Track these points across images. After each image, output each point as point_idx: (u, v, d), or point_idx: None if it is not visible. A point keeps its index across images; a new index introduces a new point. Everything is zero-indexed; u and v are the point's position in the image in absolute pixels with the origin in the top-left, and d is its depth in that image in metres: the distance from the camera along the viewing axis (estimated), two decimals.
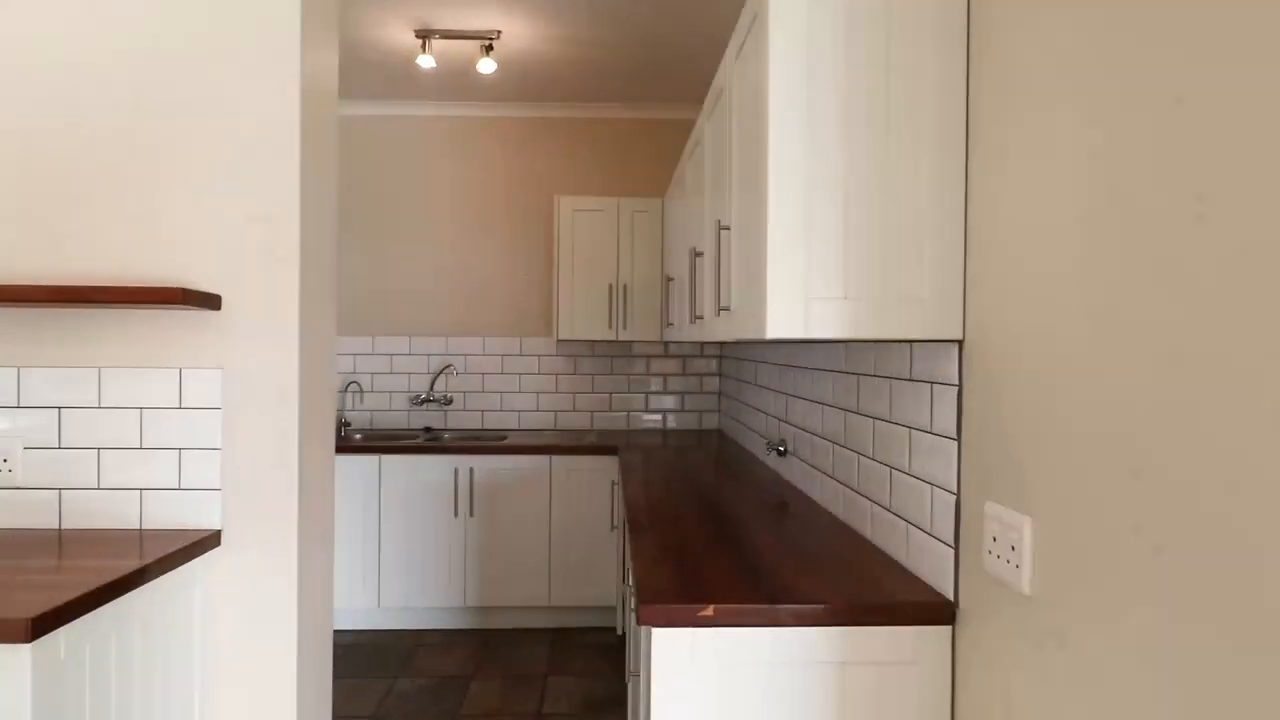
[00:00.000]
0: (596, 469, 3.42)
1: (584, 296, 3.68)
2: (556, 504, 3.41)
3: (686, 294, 2.66)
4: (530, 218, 4.00)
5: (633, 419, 4.01)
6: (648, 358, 4.01)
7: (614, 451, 3.40)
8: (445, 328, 3.99)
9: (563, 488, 3.41)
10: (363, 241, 3.96)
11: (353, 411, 3.96)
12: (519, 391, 3.99)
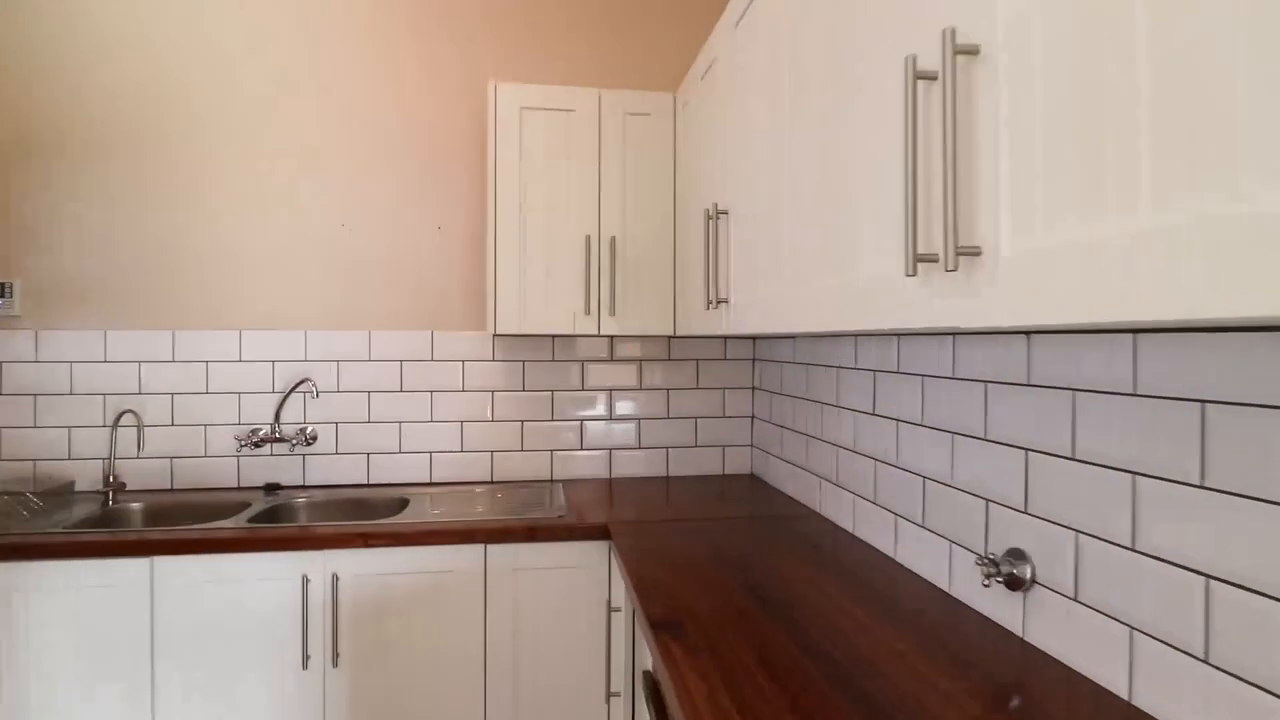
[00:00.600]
0: (571, 567, 1.90)
1: (541, 262, 2.15)
2: (497, 643, 1.87)
3: (756, 247, 1.20)
4: (449, 130, 2.43)
5: (620, 461, 2.51)
6: (640, 362, 2.51)
7: (601, 534, 1.89)
8: (303, 316, 2.37)
9: (508, 607, 1.88)
10: (135, 168, 2.30)
11: (130, 459, 2.29)
12: (429, 420, 2.42)
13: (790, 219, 1.26)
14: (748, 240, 1.47)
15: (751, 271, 1.45)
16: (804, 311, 1.19)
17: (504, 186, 2.12)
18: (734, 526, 1.86)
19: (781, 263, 1.28)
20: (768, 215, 1.36)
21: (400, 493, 2.28)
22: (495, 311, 2.13)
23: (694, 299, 1.92)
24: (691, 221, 2.00)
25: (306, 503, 2.23)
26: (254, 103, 2.34)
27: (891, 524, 1.57)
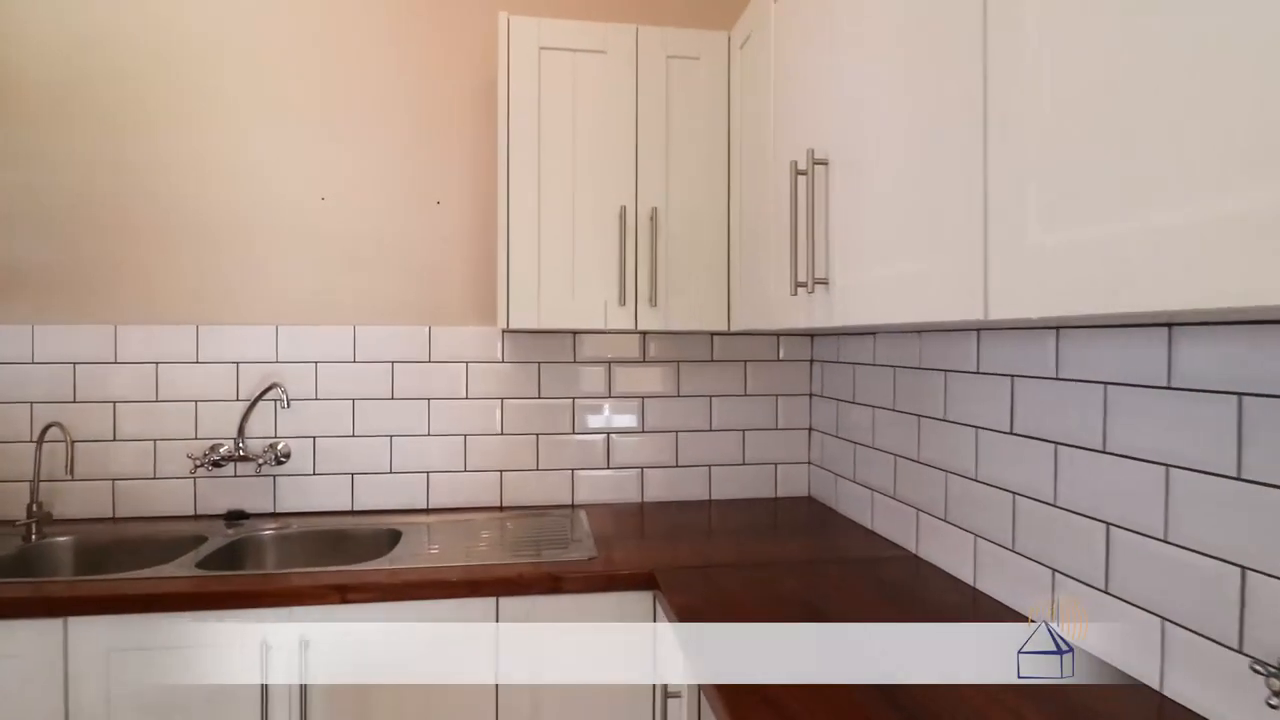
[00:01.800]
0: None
1: (564, 241, 1.74)
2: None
3: (885, 205, 0.77)
4: (451, 79, 2.02)
5: (654, 482, 2.10)
6: (678, 364, 2.11)
7: (645, 583, 1.48)
8: (272, 308, 1.96)
9: (525, 681, 1.47)
10: (63, 129, 1.88)
11: (64, 482, 1.88)
12: (425, 434, 2.01)
13: (948, 161, 0.86)
14: (866, 196, 1.06)
15: (871, 241, 1.05)
16: (973, 291, 0.79)
17: (518, 147, 1.71)
18: (819, 575, 1.45)
19: (940, 221, 0.87)
20: (905, 160, 0.96)
21: (391, 523, 1.87)
22: (507, 302, 1.72)
23: (766, 283, 1.51)
24: (760, 183, 1.59)
25: (275, 536, 1.82)
26: (206, 48, 1.92)
27: (1048, 581, 1.17)
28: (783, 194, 1.36)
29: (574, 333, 2.05)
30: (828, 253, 1.18)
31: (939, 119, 0.88)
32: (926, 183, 0.91)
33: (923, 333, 1.55)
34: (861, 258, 1.08)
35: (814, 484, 2.13)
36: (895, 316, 0.95)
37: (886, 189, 1.00)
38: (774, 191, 1.46)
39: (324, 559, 1.82)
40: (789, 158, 1.27)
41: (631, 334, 2.07)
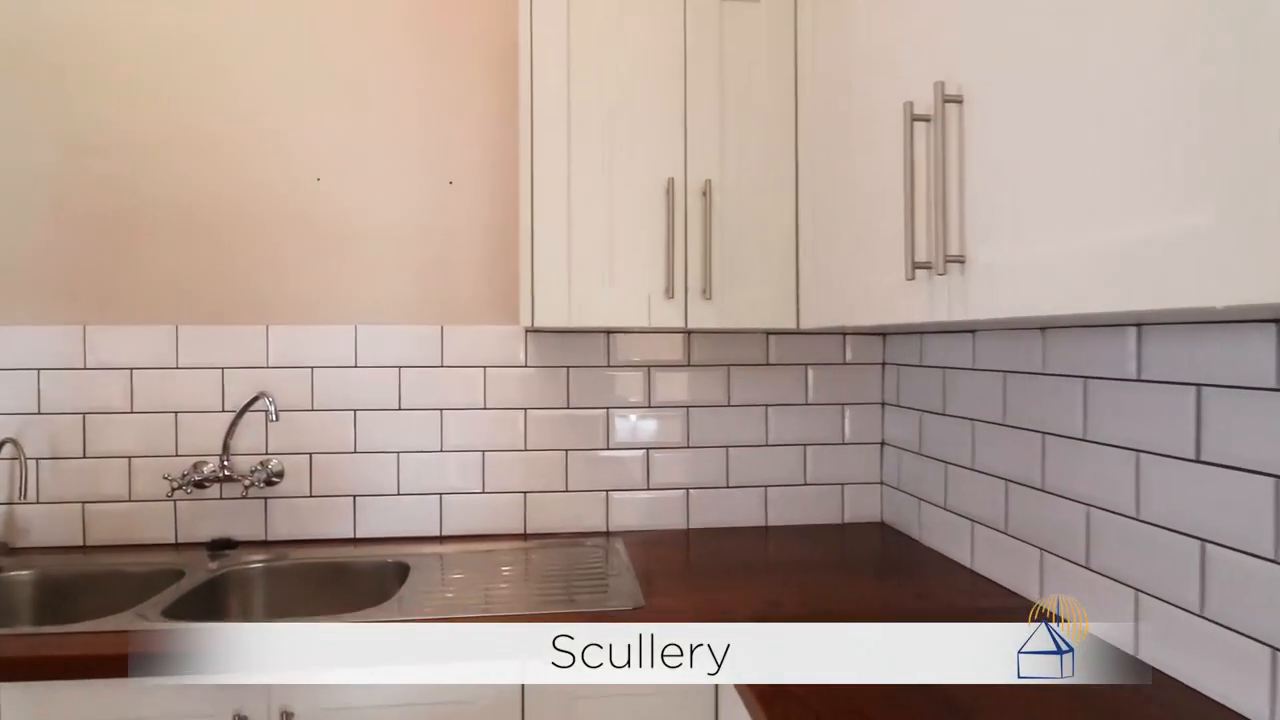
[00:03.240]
0: (660, 701, 1.20)
1: (599, 222, 1.45)
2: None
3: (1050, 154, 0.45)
4: (465, 35, 1.74)
5: (700, 505, 1.80)
6: (729, 368, 1.81)
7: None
8: (261, 305, 1.70)
9: None
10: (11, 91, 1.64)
11: (29, 505, 1.64)
12: (438, 450, 1.74)
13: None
14: (1045, 134, 0.76)
15: (1055, 197, 0.75)
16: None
17: (544, 112, 1.43)
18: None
19: (1221, 153, 0.57)
20: (1143, 64, 0.65)
21: (399, 554, 1.60)
22: (532, 296, 1.43)
23: (857, 267, 1.21)
24: (846, 142, 1.29)
25: (265, 570, 1.56)
26: (185, 10, 1.67)
27: (1266, 663, 0.86)
28: (888, 149, 1.06)
29: (608, 332, 1.76)
30: (963, 221, 0.88)
31: None
32: (1194, 97, 0.61)
33: (1046, 329, 1.24)
34: (1032, 223, 0.77)
35: (888, 508, 1.82)
36: (1108, 303, 0.65)
37: (1097, 116, 0.69)
38: (872, 149, 1.16)
39: (321, 599, 1.55)
40: (899, 100, 0.97)
41: (675, 333, 1.78)
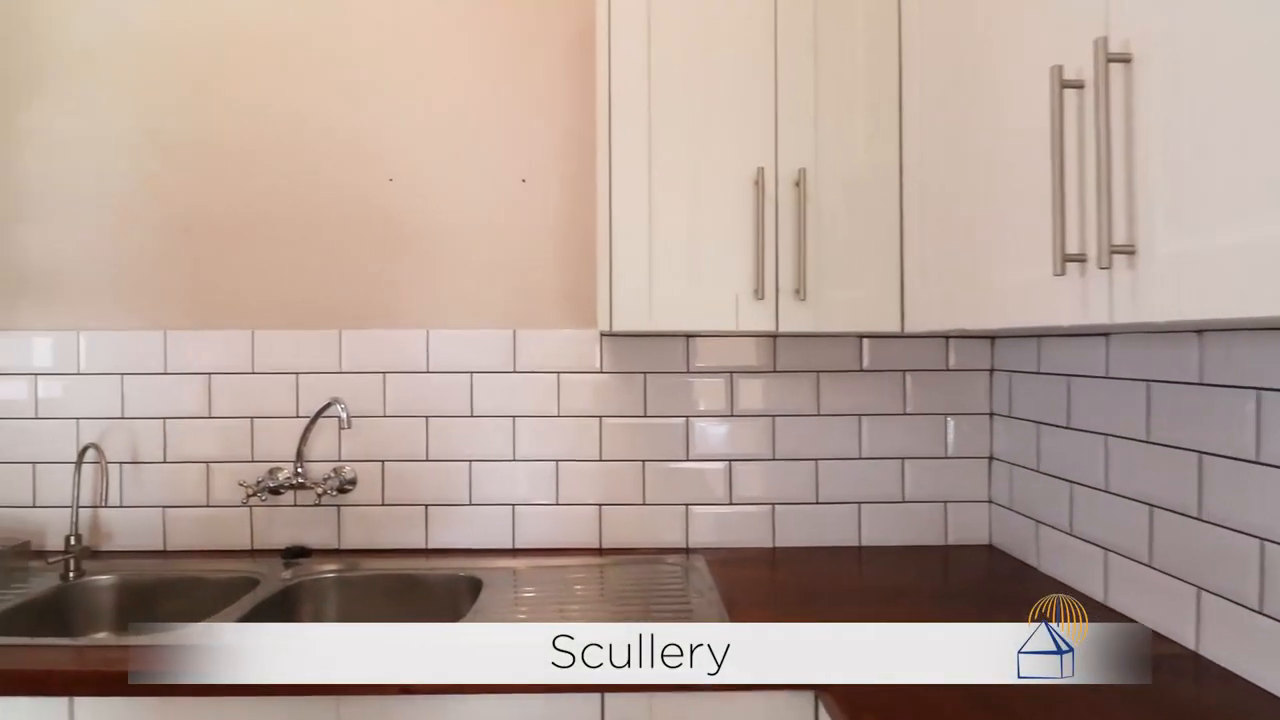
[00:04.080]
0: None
1: (681, 218, 1.35)
2: None
3: None
4: (539, 26, 1.67)
5: (787, 522, 1.67)
6: (818, 374, 1.67)
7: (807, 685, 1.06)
8: (334, 309, 1.67)
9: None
10: (97, 100, 1.65)
11: (114, 509, 1.65)
12: (511, 459, 1.67)
13: None
14: (1225, 105, 0.61)
15: (1236, 179, 0.60)
16: None
17: (623, 100, 1.34)
18: (1063, 688, 0.99)
19: None
20: None
21: (471, 567, 1.54)
22: (610, 298, 1.34)
23: (986, 261, 1.06)
24: (967, 118, 1.15)
25: (337, 580, 1.53)
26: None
27: None
28: (1028, 124, 0.91)
29: (687, 336, 1.66)
30: (1131, 205, 0.73)
31: None
32: None
33: (1204, 331, 1.07)
34: (1234, 203, 0.63)
35: (998, 530, 1.65)
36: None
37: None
38: (1002, 125, 1.01)
39: (393, 612, 1.50)
40: (1043, 64, 0.83)
41: (759, 337, 1.66)
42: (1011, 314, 0.97)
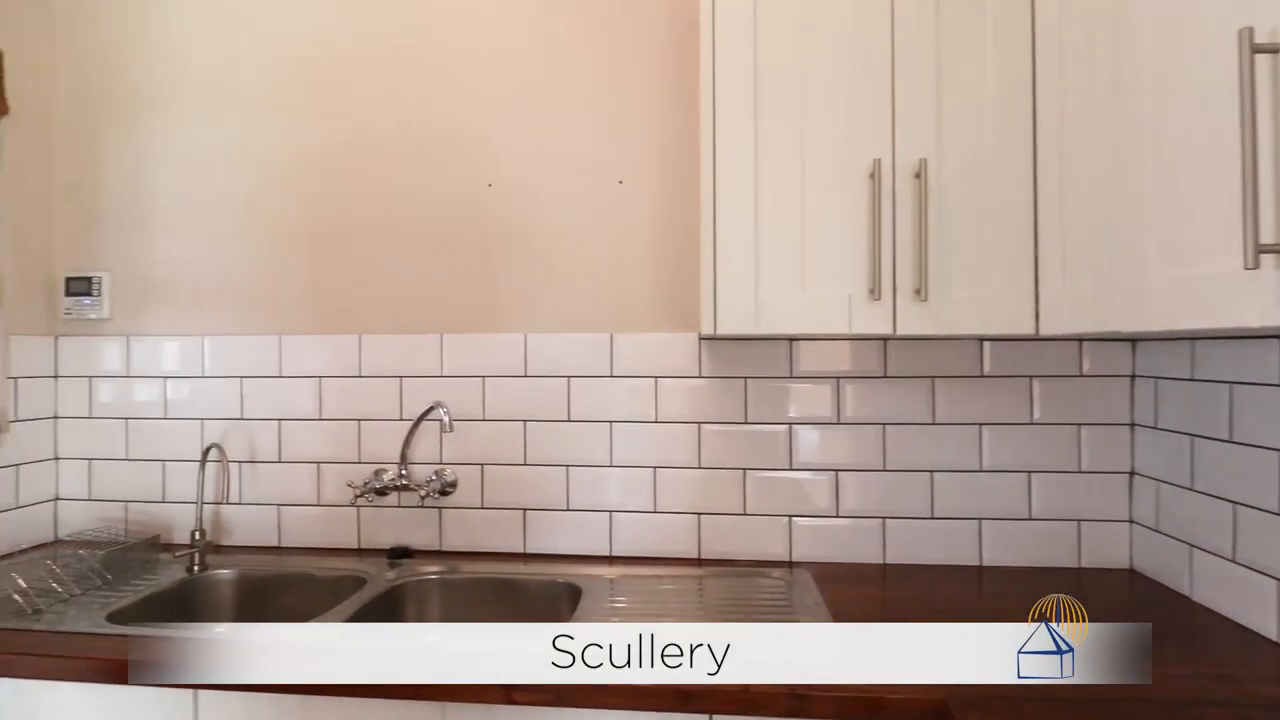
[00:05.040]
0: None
1: (789, 215, 1.28)
2: None
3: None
4: (636, 29, 1.64)
5: (899, 537, 1.57)
6: (932, 379, 1.56)
7: (936, 715, 0.97)
8: (436, 314, 1.69)
9: None
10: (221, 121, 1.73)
11: (234, 505, 1.73)
12: (608, 465, 1.64)
13: None
14: None
15: None
16: None
17: (728, 92, 1.28)
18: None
19: None
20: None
21: (569, 574, 1.52)
22: (715, 300, 1.29)
23: (1143, 253, 0.95)
24: (1116, 94, 1.03)
25: (439, 582, 1.54)
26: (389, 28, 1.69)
27: None
28: (1205, 97, 0.80)
29: (790, 339, 1.58)
30: None
31: None
32: None
33: None
34: None
35: (1140, 553, 1.49)
36: None
37: None
38: (1168, 100, 0.89)
39: (493, 615, 1.50)
40: (1226, 29, 0.72)
41: (869, 340, 1.56)
42: (1183, 313, 0.85)
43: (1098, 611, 1.32)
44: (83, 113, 1.78)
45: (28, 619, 1.27)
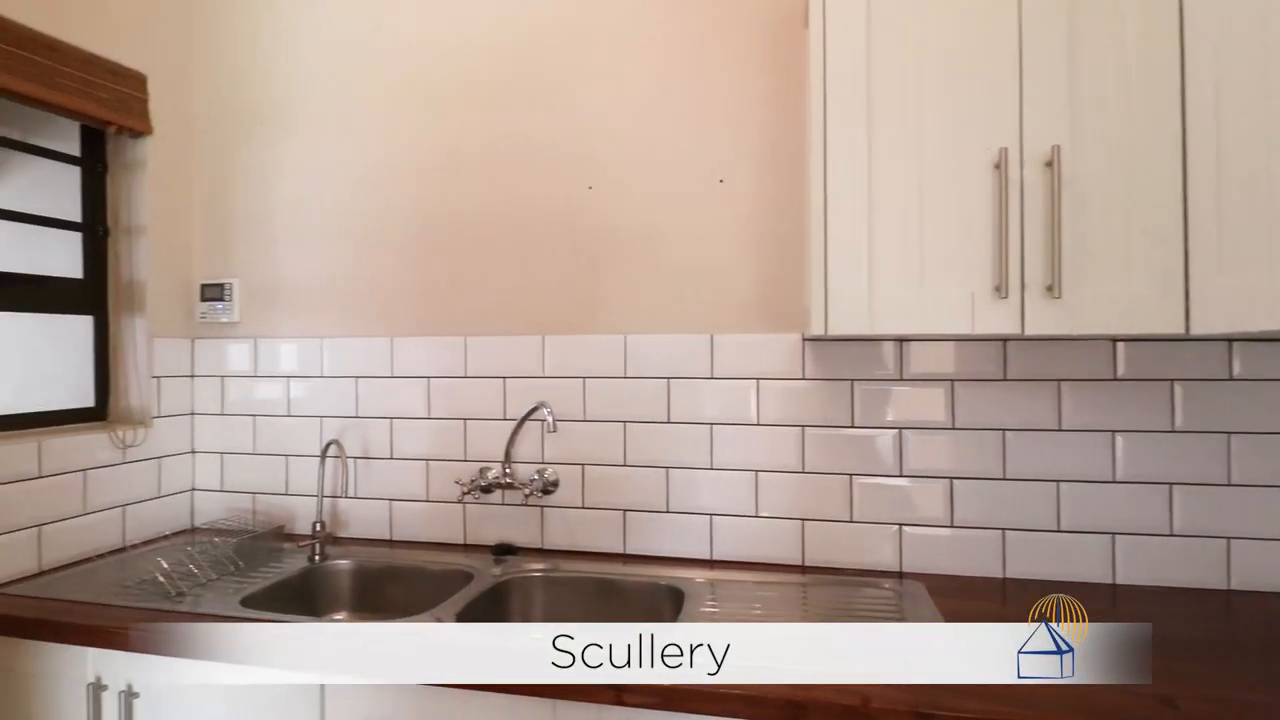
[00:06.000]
0: None
1: (903, 210, 1.22)
2: None
3: None
4: (739, 10, 1.62)
5: (1020, 549, 1.48)
6: (1059, 383, 1.46)
7: None
8: (538, 315, 1.72)
9: None
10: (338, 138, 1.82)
11: (350, 499, 1.82)
12: (708, 467, 1.62)
13: None
14: None
15: None
16: None
17: (839, 81, 1.24)
18: None
19: None
20: None
21: (669, 576, 1.51)
22: (826, 301, 1.25)
23: None
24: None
25: (543, 580, 1.56)
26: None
27: None
28: None
29: (899, 340, 1.52)
30: None
31: None
32: None
33: None
34: None
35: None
36: None
37: None
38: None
39: (596, 614, 1.51)
40: None
41: (986, 341, 1.48)
42: None
43: (1258, 642, 1.20)
44: (215, 130, 1.91)
45: (172, 600, 1.37)
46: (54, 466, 1.57)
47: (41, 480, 1.54)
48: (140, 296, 1.79)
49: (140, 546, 1.72)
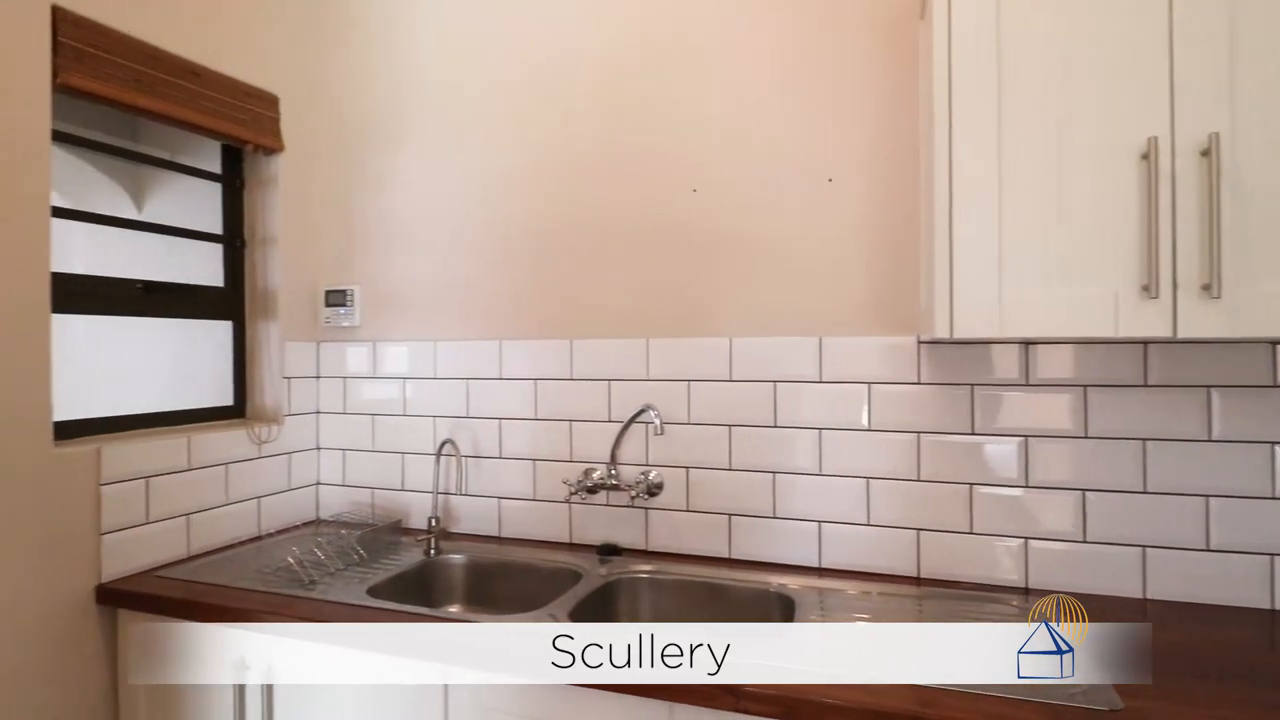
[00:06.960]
0: None
1: (1038, 202, 1.16)
2: None
3: None
4: (843, 20, 1.58)
5: (1160, 568, 1.37)
6: (1208, 389, 1.35)
7: None
8: (642, 318, 1.73)
9: None
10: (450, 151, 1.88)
11: (462, 496, 1.88)
12: (817, 473, 1.59)
13: None
14: None
15: None
16: None
17: (965, 71, 1.18)
18: None
19: None
20: None
21: (778, 583, 1.49)
22: (951, 302, 1.19)
23: None
24: None
25: (649, 581, 1.57)
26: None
27: None
28: None
29: (1025, 343, 1.44)
30: None
31: None
32: None
33: None
34: None
35: None
36: None
37: None
38: None
39: (705, 618, 1.51)
40: None
41: (1125, 344, 1.38)
42: None
43: None
44: (337, 143, 2.02)
45: (305, 588, 1.46)
46: (200, 460, 1.70)
47: (190, 473, 1.68)
48: (273, 303, 1.92)
49: (274, 535, 1.84)
